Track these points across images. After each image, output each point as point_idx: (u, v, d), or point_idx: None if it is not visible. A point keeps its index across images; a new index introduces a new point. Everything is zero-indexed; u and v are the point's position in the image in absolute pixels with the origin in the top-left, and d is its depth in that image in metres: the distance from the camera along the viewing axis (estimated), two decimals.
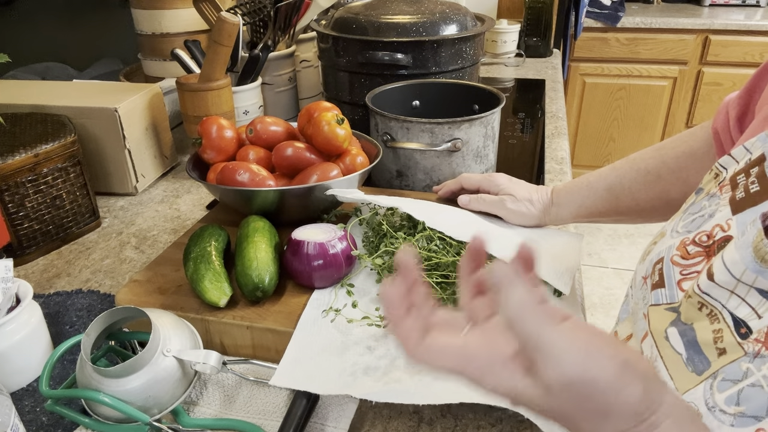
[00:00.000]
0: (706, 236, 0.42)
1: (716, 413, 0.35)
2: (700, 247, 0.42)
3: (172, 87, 1.24)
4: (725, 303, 0.38)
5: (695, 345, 0.39)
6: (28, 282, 0.64)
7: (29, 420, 0.57)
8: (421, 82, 1.05)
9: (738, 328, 0.37)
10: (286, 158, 0.81)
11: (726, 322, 0.37)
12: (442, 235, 0.70)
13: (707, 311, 0.39)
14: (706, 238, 0.42)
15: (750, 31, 2.56)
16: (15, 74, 1.67)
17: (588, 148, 2.98)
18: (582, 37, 2.69)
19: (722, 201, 0.43)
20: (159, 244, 0.88)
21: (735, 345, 0.36)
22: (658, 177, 0.69)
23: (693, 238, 0.43)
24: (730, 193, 0.43)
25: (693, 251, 0.43)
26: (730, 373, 0.36)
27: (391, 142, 0.91)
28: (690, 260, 0.43)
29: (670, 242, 0.45)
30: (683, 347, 0.39)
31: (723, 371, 0.36)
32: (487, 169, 0.96)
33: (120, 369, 0.51)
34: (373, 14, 1.10)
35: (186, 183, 1.08)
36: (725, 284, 0.38)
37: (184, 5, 1.32)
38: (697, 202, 0.47)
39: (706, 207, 0.45)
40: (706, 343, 0.38)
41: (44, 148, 0.82)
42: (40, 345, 0.63)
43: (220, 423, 0.55)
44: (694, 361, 0.38)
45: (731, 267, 0.38)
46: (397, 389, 0.52)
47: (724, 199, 0.43)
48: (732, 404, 0.35)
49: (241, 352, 0.64)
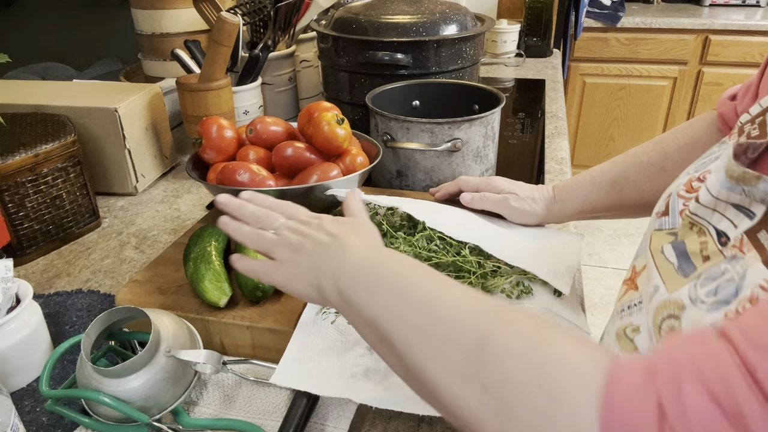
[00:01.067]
0: (708, 173, 0.48)
1: (697, 304, 0.41)
2: (701, 182, 0.48)
3: (172, 87, 1.24)
4: (710, 219, 0.44)
5: (685, 255, 0.45)
6: (28, 282, 0.64)
7: (29, 420, 0.57)
8: (421, 82, 1.05)
9: (719, 238, 0.43)
10: (286, 158, 0.81)
11: (711, 235, 0.44)
12: (442, 235, 0.70)
13: (696, 229, 0.46)
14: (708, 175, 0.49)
15: (750, 31, 2.56)
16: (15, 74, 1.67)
17: (588, 148, 2.98)
18: (582, 37, 2.69)
19: (728, 146, 0.48)
20: (159, 244, 0.88)
21: (716, 252, 0.42)
22: (662, 169, 0.70)
23: (698, 176, 0.49)
24: (736, 139, 0.48)
25: (696, 186, 0.49)
26: (711, 273, 0.42)
27: (391, 142, 0.91)
28: (692, 193, 0.48)
29: (680, 181, 0.51)
30: (675, 258, 0.46)
31: (706, 272, 0.42)
32: (487, 169, 0.96)
33: (120, 369, 0.51)
34: (373, 14, 1.10)
35: (186, 183, 1.08)
36: (707, 203, 0.45)
37: (184, 5, 1.32)
38: (709, 150, 0.53)
39: (716, 151, 0.51)
40: (693, 253, 0.44)
41: (44, 148, 0.82)
42: (40, 345, 0.63)
43: (220, 423, 0.55)
44: (684, 267, 0.45)
45: (711, 188, 0.45)
46: (397, 395, 0.52)
47: (730, 144, 0.48)
48: (710, 296, 0.41)
49: (241, 352, 0.64)
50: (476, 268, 0.65)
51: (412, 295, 0.42)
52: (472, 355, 0.37)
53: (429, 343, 0.39)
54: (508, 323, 0.39)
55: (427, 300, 0.42)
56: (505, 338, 0.37)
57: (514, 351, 0.37)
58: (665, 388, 0.30)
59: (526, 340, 0.37)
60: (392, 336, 0.41)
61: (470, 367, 0.37)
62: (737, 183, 0.42)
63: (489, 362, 0.36)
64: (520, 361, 0.36)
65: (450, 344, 0.38)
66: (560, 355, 0.36)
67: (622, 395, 0.32)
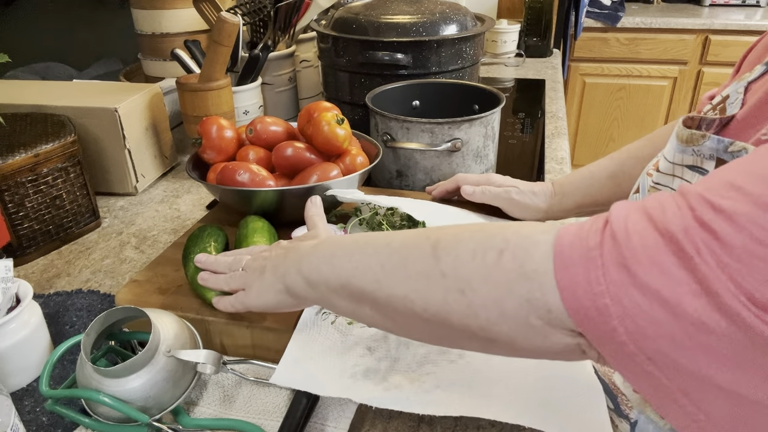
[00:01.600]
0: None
1: None
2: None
3: (172, 87, 1.24)
4: (671, 185, 0.49)
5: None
6: (28, 282, 0.64)
7: (29, 420, 0.57)
8: (421, 82, 1.05)
9: None
10: (286, 158, 0.81)
11: None
12: None
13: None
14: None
15: (750, 31, 2.56)
16: (15, 74, 1.67)
17: (588, 148, 2.98)
18: (582, 37, 2.69)
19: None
20: (159, 244, 0.88)
21: None
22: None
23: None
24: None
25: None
26: None
27: (391, 142, 0.91)
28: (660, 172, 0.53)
29: (652, 162, 0.55)
30: None
31: None
32: (487, 169, 0.96)
33: (120, 369, 0.51)
34: (373, 14, 1.10)
35: (186, 183, 1.08)
36: (666, 170, 0.49)
37: (184, 5, 1.32)
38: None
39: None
40: None
41: (44, 148, 0.82)
42: (40, 345, 0.63)
43: (220, 423, 0.55)
44: None
45: (666, 155, 0.49)
46: (397, 395, 0.52)
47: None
48: None
49: (241, 352, 0.64)
50: None
51: (369, 247, 0.46)
52: (429, 257, 0.41)
53: (394, 269, 0.43)
54: (456, 227, 0.43)
55: (383, 243, 0.46)
56: (455, 235, 0.41)
57: (463, 239, 0.41)
58: (614, 215, 0.34)
59: (472, 231, 0.41)
60: (363, 286, 0.45)
61: (430, 268, 0.41)
62: (687, 145, 0.45)
63: (442, 254, 0.40)
64: (470, 241, 0.40)
65: (410, 260, 0.42)
66: (503, 228, 0.40)
67: (573, 225, 0.37)
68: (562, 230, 0.36)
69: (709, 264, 0.29)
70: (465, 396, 0.52)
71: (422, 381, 0.54)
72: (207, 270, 0.62)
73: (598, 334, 0.33)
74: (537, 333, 0.36)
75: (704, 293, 0.29)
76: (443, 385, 0.53)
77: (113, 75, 1.61)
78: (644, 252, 0.31)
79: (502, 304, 0.37)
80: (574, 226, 0.37)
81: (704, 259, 0.29)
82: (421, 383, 0.53)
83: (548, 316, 0.35)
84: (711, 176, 0.33)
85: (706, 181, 0.33)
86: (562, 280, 0.34)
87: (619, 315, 0.32)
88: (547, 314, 0.35)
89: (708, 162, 0.44)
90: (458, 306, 0.39)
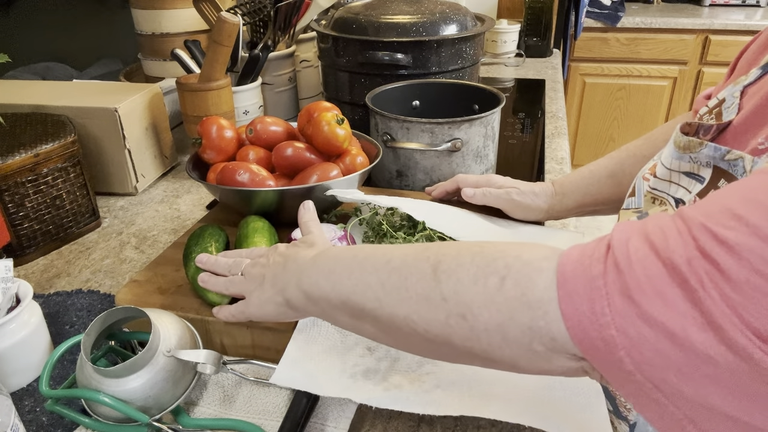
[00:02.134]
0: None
1: None
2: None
3: (172, 87, 1.24)
4: (667, 191, 0.49)
5: None
6: (28, 282, 0.64)
7: (29, 420, 0.57)
8: (421, 82, 1.05)
9: (677, 204, 0.48)
10: (286, 158, 0.81)
11: (670, 204, 0.49)
12: (442, 235, 0.70)
13: (658, 201, 0.51)
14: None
15: (750, 31, 2.56)
16: (15, 74, 1.67)
17: (588, 148, 2.98)
18: (582, 37, 2.69)
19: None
20: (159, 244, 0.88)
21: None
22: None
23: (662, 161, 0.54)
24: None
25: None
26: None
27: (391, 142, 0.91)
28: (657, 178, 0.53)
29: (648, 165, 0.55)
30: None
31: None
32: (487, 169, 0.96)
33: (120, 369, 0.51)
34: (373, 14, 1.10)
35: (186, 183, 1.08)
36: (663, 176, 0.50)
37: (184, 5, 1.32)
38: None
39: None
40: None
41: (44, 148, 0.82)
42: (40, 345, 0.63)
43: (220, 423, 0.55)
44: None
45: (664, 161, 0.50)
46: (397, 395, 0.52)
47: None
48: None
49: (241, 352, 0.64)
50: None
51: (368, 263, 0.46)
52: (430, 280, 0.41)
53: (394, 289, 0.43)
54: (457, 248, 0.43)
55: (383, 260, 0.45)
56: (455, 257, 0.41)
57: (464, 263, 0.40)
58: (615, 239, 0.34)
59: (473, 253, 0.41)
60: (363, 303, 0.45)
61: (431, 290, 0.41)
62: (684, 151, 0.46)
63: (443, 277, 0.40)
64: (471, 266, 0.40)
65: (411, 281, 0.42)
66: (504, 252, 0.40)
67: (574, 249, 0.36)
68: (564, 256, 0.36)
69: (713, 297, 0.29)
70: (465, 396, 0.52)
71: (422, 381, 0.54)
72: (207, 271, 0.62)
73: (605, 363, 0.33)
74: (540, 357, 0.37)
75: (709, 327, 0.29)
76: (443, 385, 0.53)
77: (113, 75, 1.61)
78: (648, 282, 0.31)
79: (504, 330, 0.37)
80: (576, 250, 0.36)
81: (708, 292, 0.29)
82: (421, 383, 0.53)
83: (552, 343, 0.35)
84: (711, 201, 0.33)
85: (706, 206, 0.32)
86: (566, 310, 0.34)
87: (625, 346, 0.32)
88: (551, 342, 0.35)
89: (705, 169, 0.44)
90: (460, 330, 0.39)
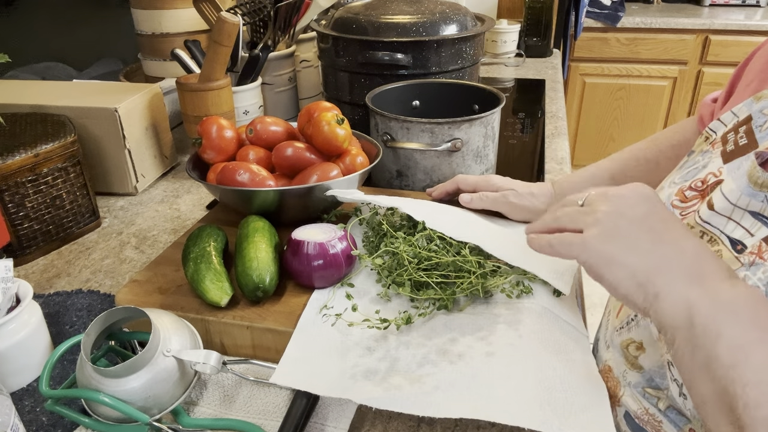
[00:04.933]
0: (701, 182, 0.50)
1: None
2: (696, 191, 0.50)
3: (172, 87, 1.24)
4: (723, 228, 0.45)
5: None
6: (28, 282, 0.64)
7: (29, 420, 0.57)
8: (421, 82, 1.05)
9: (734, 246, 0.44)
10: (286, 158, 0.81)
11: (724, 244, 0.44)
12: (442, 235, 0.70)
13: (707, 238, 0.46)
14: (700, 183, 0.50)
15: (750, 31, 2.56)
16: (15, 74, 1.67)
17: (588, 148, 2.98)
18: (582, 37, 2.69)
19: (714, 155, 0.50)
20: (159, 244, 0.88)
21: (733, 259, 0.43)
22: (657, 165, 0.73)
23: (689, 185, 0.51)
24: (721, 148, 0.50)
25: (690, 195, 0.50)
26: None
27: (391, 142, 0.91)
28: (688, 203, 0.50)
29: (669, 191, 0.52)
30: None
31: None
32: (487, 169, 0.96)
33: (120, 369, 0.51)
34: (373, 14, 1.10)
35: (186, 183, 1.08)
36: (723, 211, 0.45)
37: (184, 5, 1.32)
38: (691, 159, 0.54)
39: (700, 161, 0.52)
40: None
41: (44, 148, 0.82)
42: (40, 345, 0.63)
43: (220, 423, 0.55)
44: None
45: (729, 195, 0.45)
46: (397, 396, 0.52)
47: (715, 153, 0.50)
48: None
49: (241, 352, 0.64)
50: (476, 268, 0.65)
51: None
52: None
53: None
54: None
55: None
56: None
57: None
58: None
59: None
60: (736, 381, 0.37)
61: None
62: (761, 189, 0.42)
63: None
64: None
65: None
66: None
67: None
68: None
69: None
70: (465, 397, 0.51)
71: (422, 382, 0.53)
72: (539, 231, 0.52)
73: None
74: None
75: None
76: (443, 386, 0.53)
77: (113, 75, 1.60)
78: None
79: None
80: None
81: None
82: (421, 384, 0.53)
83: None
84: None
85: None
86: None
87: None
88: None
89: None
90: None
